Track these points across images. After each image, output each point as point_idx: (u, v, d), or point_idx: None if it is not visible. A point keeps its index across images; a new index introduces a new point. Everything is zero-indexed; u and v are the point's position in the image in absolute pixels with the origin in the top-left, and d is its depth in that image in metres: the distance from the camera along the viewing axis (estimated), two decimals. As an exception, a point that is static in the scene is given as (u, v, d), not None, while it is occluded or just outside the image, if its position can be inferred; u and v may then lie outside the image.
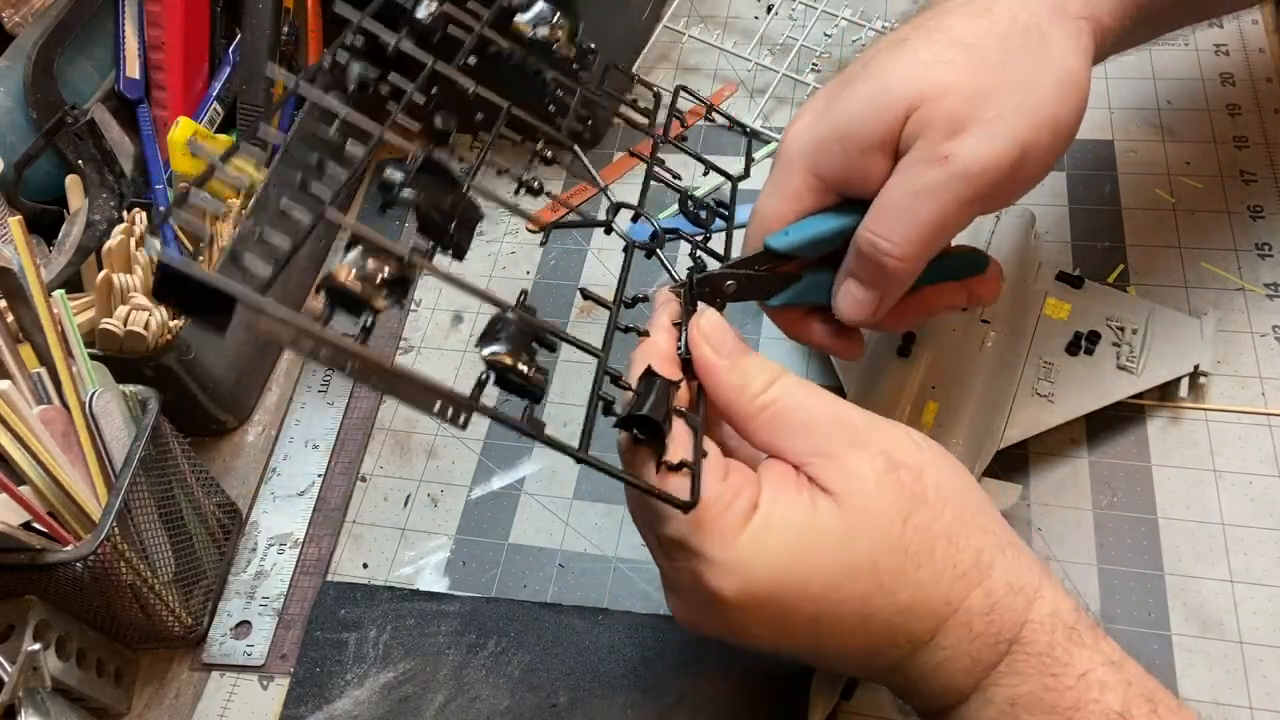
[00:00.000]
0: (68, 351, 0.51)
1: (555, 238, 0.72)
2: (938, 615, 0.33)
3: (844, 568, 0.33)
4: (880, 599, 0.33)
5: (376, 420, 0.65)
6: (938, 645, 0.34)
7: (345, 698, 0.54)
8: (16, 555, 0.47)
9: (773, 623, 0.34)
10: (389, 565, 0.59)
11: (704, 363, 0.37)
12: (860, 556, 0.33)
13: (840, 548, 0.33)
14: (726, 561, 0.33)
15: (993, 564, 0.34)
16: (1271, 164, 0.66)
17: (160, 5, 0.69)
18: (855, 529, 0.33)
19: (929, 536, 0.33)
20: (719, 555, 0.33)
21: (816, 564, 0.33)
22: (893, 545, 0.33)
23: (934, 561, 0.33)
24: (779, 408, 0.35)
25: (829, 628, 0.33)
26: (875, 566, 0.33)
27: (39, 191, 0.66)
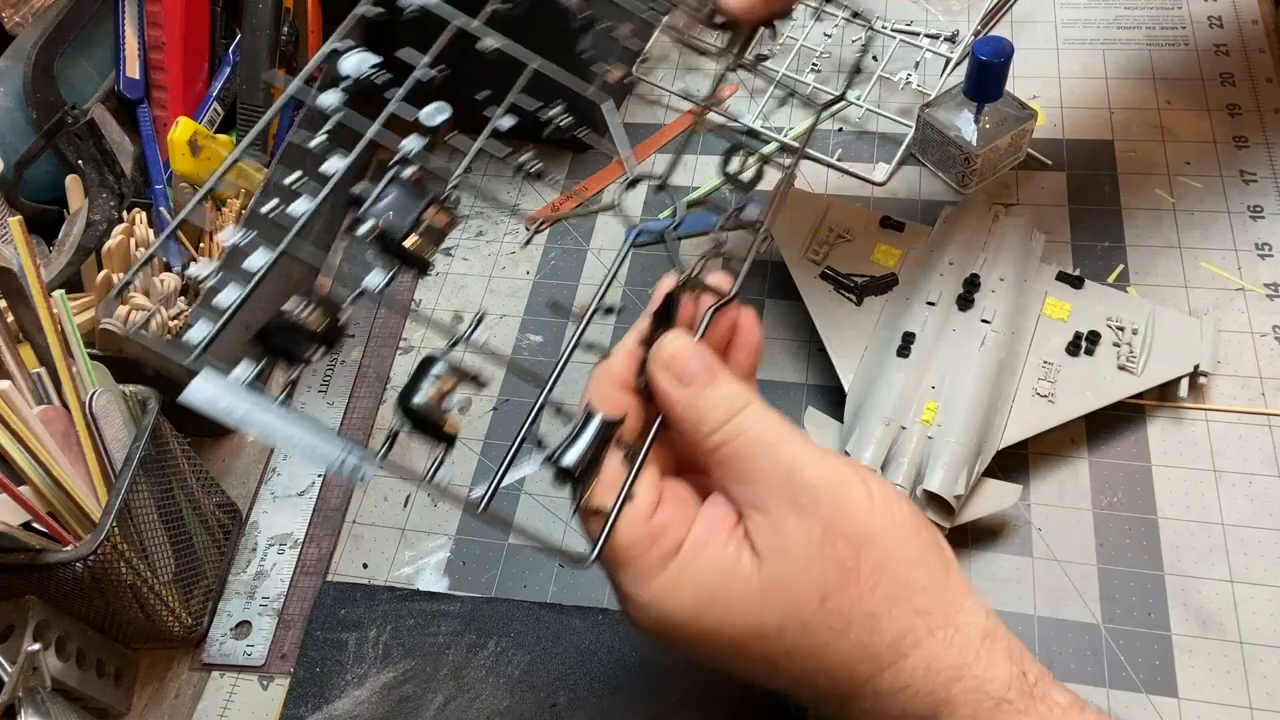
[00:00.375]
0: (68, 351, 0.51)
1: (555, 238, 0.72)
2: (842, 688, 0.33)
3: (751, 630, 0.33)
4: (785, 662, 0.33)
5: (376, 420, 0.65)
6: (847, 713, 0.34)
7: (345, 698, 0.54)
8: (16, 555, 0.47)
9: (691, 654, 0.35)
10: (389, 565, 0.59)
11: (661, 394, 0.36)
12: (769, 623, 0.33)
13: (750, 611, 0.33)
14: (640, 599, 0.33)
15: (915, 646, 0.33)
16: (1271, 164, 0.66)
17: (160, 5, 0.69)
18: (770, 596, 0.33)
19: (847, 616, 0.33)
20: (635, 593, 0.33)
21: (725, 619, 0.33)
22: (803, 621, 0.33)
23: (845, 641, 0.33)
24: (732, 448, 0.34)
25: (741, 671, 0.35)
26: (781, 635, 0.33)
27: (39, 191, 0.66)
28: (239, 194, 0.66)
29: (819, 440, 0.56)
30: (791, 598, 0.33)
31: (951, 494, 0.50)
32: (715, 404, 0.35)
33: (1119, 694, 0.49)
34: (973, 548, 0.54)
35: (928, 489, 0.50)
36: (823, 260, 0.62)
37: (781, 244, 0.63)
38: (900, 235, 0.63)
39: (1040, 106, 0.71)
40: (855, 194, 0.70)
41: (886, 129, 0.73)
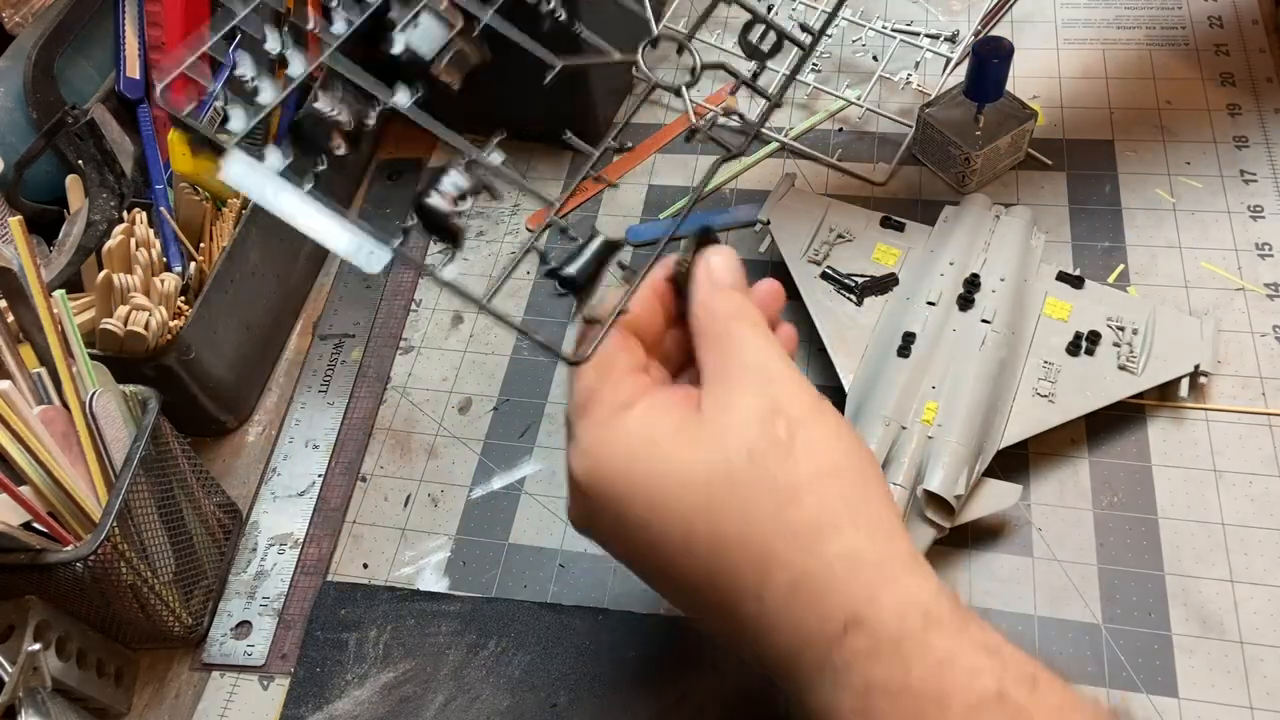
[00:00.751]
0: (68, 351, 0.51)
1: (555, 238, 0.72)
2: (757, 567, 0.32)
3: (679, 478, 0.33)
4: (703, 521, 0.32)
5: (377, 420, 0.65)
6: (762, 602, 0.32)
7: (345, 698, 0.54)
8: (16, 555, 0.47)
9: (611, 517, 0.34)
10: (389, 565, 0.59)
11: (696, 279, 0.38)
12: (696, 472, 0.33)
13: (683, 459, 0.33)
14: (585, 443, 0.34)
15: (836, 534, 0.32)
16: (1271, 164, 0.66)
17: (160, 5, 0.69)
18: (702, 447, 0.33)
19: (770, 482, 0.32)
20: (583, 436, 0.34)
21: (656, 468, 0.33)
22: (728, 472, 0.32)
23: (762, 506, 0.32)
24: (724, 328, 0.36)
25: (656, 536, 0.33)
26: (707, 487, 0.32)
27: (39, 191, 0.66)
28: (239, 193, 0.66)
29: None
30: (720, 448, 0.33)
31: (952, 494, 0.50)
32: (732, 300, 0.37)
33: (1119, 694, 0.49)
34: (973, 548, 0.54)
35: (928, 489, 0.50)
36: (823, 260, 0.62)
37: (781, 244, 0.63)
38: (900, 235, 0.63)
39: (1040, 106, 0.71)
40: (855, 194, 0.70)
41: (886, 129, 0.73)
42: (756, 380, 0.34)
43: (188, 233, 0.66)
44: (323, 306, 0.72)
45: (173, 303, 0.59)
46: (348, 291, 0.72)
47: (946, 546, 0.54)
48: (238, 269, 0.63)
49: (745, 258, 0.68)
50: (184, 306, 0.62)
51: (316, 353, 0.69)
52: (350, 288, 0.72)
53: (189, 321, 0.58)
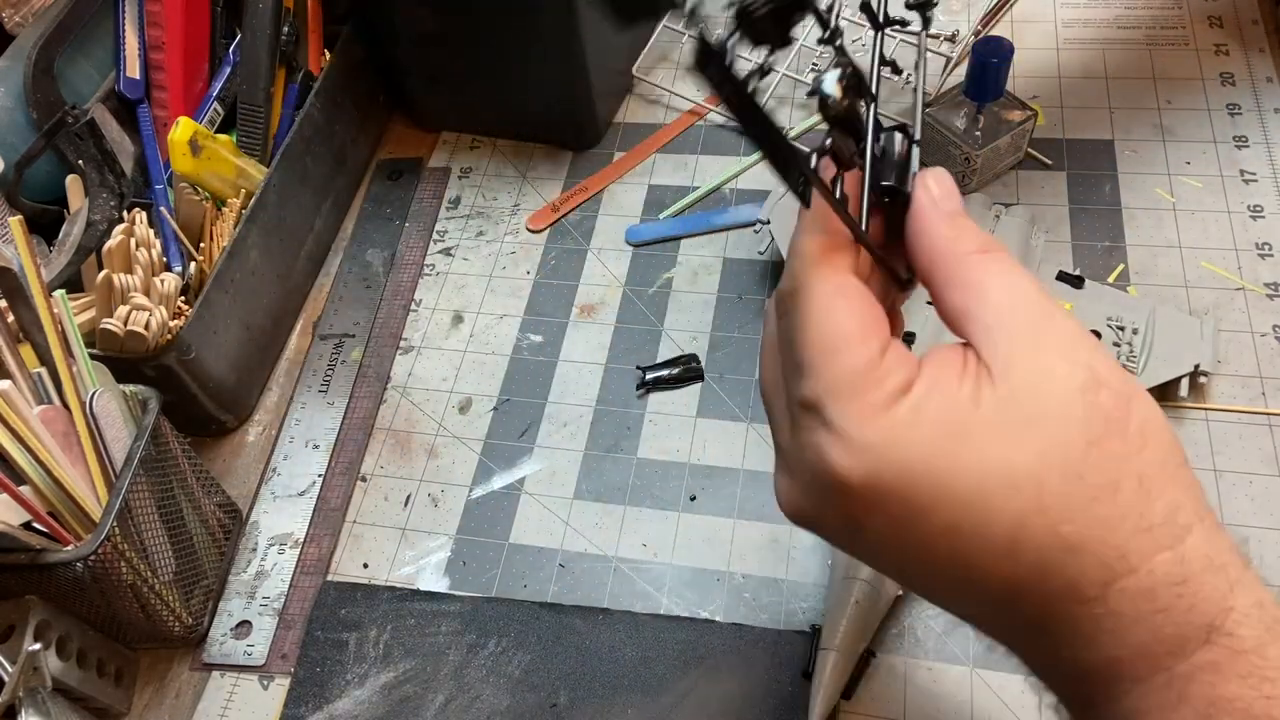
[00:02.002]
0: (68, 351, 0.51)
1: (555, 238, 0.72)
2: (1110, 569, 0.26)
3: (1002, 475, 0.26)
4: (1039, 524, 0.26)
5: (377, 420, 0.65)
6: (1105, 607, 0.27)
7: (346, 698, 0.54)
8: (17, 555, 0.47)
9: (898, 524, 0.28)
10: (389, 565, 0.59)
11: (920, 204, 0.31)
12: (1024, 467, 0.26)
13: (1003, 452, 0.27)
14: (860, 440, 0.27)
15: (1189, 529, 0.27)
16: (1271, 164, 0.66)
17: (160, 5, 0.69)
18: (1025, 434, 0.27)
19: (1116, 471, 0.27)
20: (853, 431, 0.27)
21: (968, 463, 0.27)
22: (1068, 466, 0.26)
23: (1116, 502, 0.26)
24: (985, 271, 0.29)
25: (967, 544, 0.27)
26: (1040, 485, 0.26)
27: (39, 191, 0.66)
28: (239, 193, 0.66)
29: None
30: (1050, 436, 0.27)
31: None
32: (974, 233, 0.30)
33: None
34: (973, 547, 0.54)
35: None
36: (823, 260, 0.62)
37: (781, 244, 0.63)
38: (900, 235, 0.63)
39: (1040, 106, 0.71)
40: (855, 194, 0.70)
41: (886, 129, 0.73)
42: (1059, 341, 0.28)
43: (188, 233, 0.66)
44: (323, 306, 0.72)
45: (173, 303, 0.59)
46: (348, 291, 0.72)
47: (946, 546, 0.54)
48: (238, 269, 0.63)
49: (745, 258, 0.69)
50: (184, 306, 0.62)
51: (316, 353, 0.69)
52: (350, 288, 0.72)
53: (189, 321, 0.58)
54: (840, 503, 0.29)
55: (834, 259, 0.30)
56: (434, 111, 0.80)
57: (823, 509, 0.30)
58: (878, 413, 0.27)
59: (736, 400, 0.62)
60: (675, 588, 0.56)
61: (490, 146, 0.79)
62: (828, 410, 0.28)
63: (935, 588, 0.30)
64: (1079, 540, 0.26)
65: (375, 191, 0.78)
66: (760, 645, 0.53)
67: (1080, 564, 0.27)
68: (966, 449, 0.27)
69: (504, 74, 0.73)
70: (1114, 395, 0.27)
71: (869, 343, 0.28)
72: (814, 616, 0.53)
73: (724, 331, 0.65)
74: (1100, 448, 0.27)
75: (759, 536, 0.57)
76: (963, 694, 0.50)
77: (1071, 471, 0.26)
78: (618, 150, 0.76)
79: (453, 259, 0.73)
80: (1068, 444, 0.27)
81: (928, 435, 0.27)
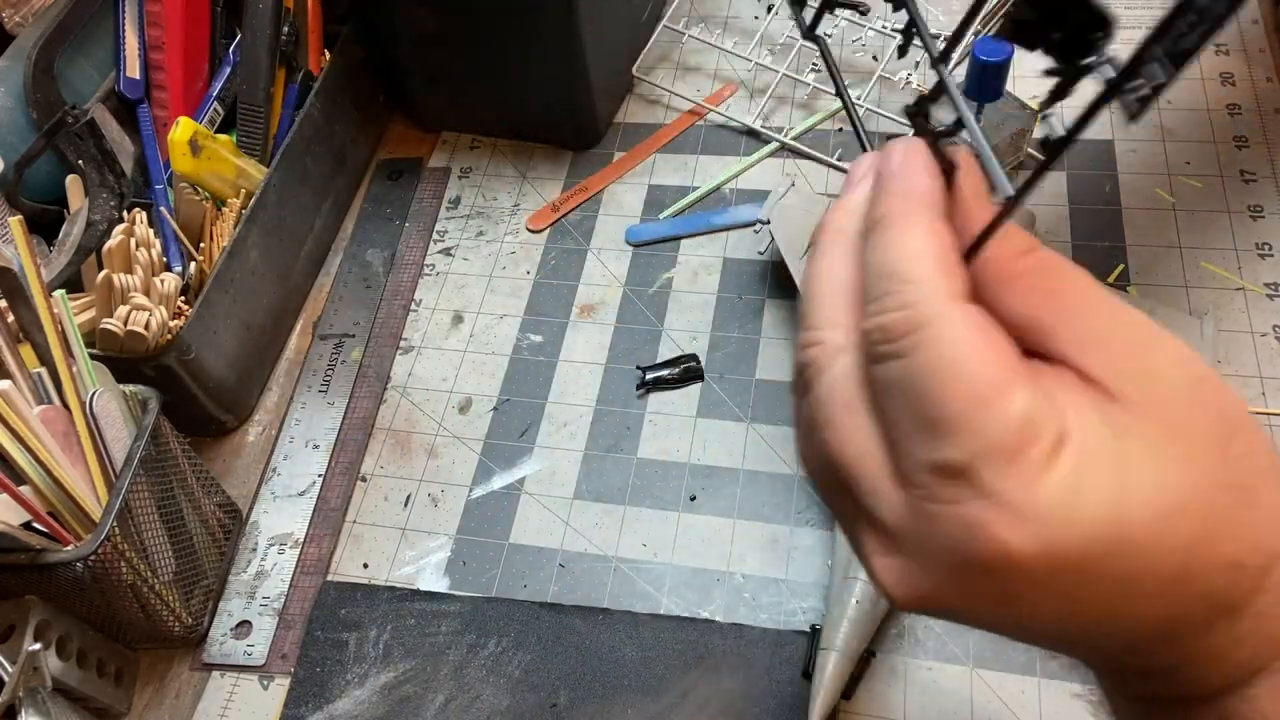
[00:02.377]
0: (68, 351, 0.51)
1: (555, 238, 0.72)
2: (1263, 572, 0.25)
3: (1167, 508, 0.24)
4: (1204, 549, 0.24)
5: (377, 420, 0.65)
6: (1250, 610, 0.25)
7: (345, 698, 0.54)
8: (17, 555, 0.47)
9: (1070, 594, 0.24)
10: (389, 565, 0.59)
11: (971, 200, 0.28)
12: (1184, 490, 0.24)
13: (1159, 478, 0.24)
14: (1032, 509, 0.23)
15: None
16: (1271, 164, 0.66)
17: (160, 5, 0.69)
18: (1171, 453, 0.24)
19: (1253, 472, 0.25)
20: (1023, 499, 0.23)
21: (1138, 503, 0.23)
22: (1218, 477, 0.24)
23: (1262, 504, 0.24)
24: (1046, 275, 0.26)
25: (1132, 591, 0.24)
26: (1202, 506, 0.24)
27: (39, 191, 0.66)
28: (239, 193, 0.66)
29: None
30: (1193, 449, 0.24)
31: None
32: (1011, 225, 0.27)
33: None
34: (973, 547, 0.54)
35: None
36: (823, 260, 0.62)
37: (781, 244, 0.63)
38: (900, 235, 0.63)
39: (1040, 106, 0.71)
40: (855, 194, 0.70)
41: (886, 129, 0.73)
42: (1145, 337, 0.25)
43: (188, 233, 0.66)
44: (323, 306, 0.72)
45: (173, 303, 0.59)
46: (348, 291, 0.72)
47: (946, 546, 0.54)
48: (238, 269, 0.63)
49: (745, 258, 0.69)
50: (184, 306, 0.62)
51: (316, 353, 0.69)
52: (350, 288, 0.72)
53: (189, 321, 0.58)
54: (998, 582, 0.24)
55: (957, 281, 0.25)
56: (434, 111, 0.80)
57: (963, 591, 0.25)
58: (1044, 472, 0.23)
59: (736, 400, 0.62)
60: (675, 588, 0.56)
61: (490, 146, 0.79)
62: (984, 476, 0.23)
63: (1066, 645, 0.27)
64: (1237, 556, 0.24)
65: (375, 191, 0.78)
66: (760, 645, 0.53)
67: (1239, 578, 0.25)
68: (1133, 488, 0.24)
69: (504, 74, 0.73)
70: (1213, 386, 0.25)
71: (1021, 390, 0.23)
72: (814, 616, 0.53)
73: (724, 331, 0.65)
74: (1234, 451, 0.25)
75: (759, 536, 0.57)
76: (963, 694, 0.50)
77: (1224, 482, 0.24)
78: (618, 150, 0.76)
79: (453, 259, 0.73)
80: (1209, 453, 0.24)
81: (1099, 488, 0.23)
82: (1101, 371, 0.24)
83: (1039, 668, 0.50)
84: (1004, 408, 0.23)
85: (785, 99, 0.77)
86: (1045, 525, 0.23)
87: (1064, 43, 0.25)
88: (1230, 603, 0.25)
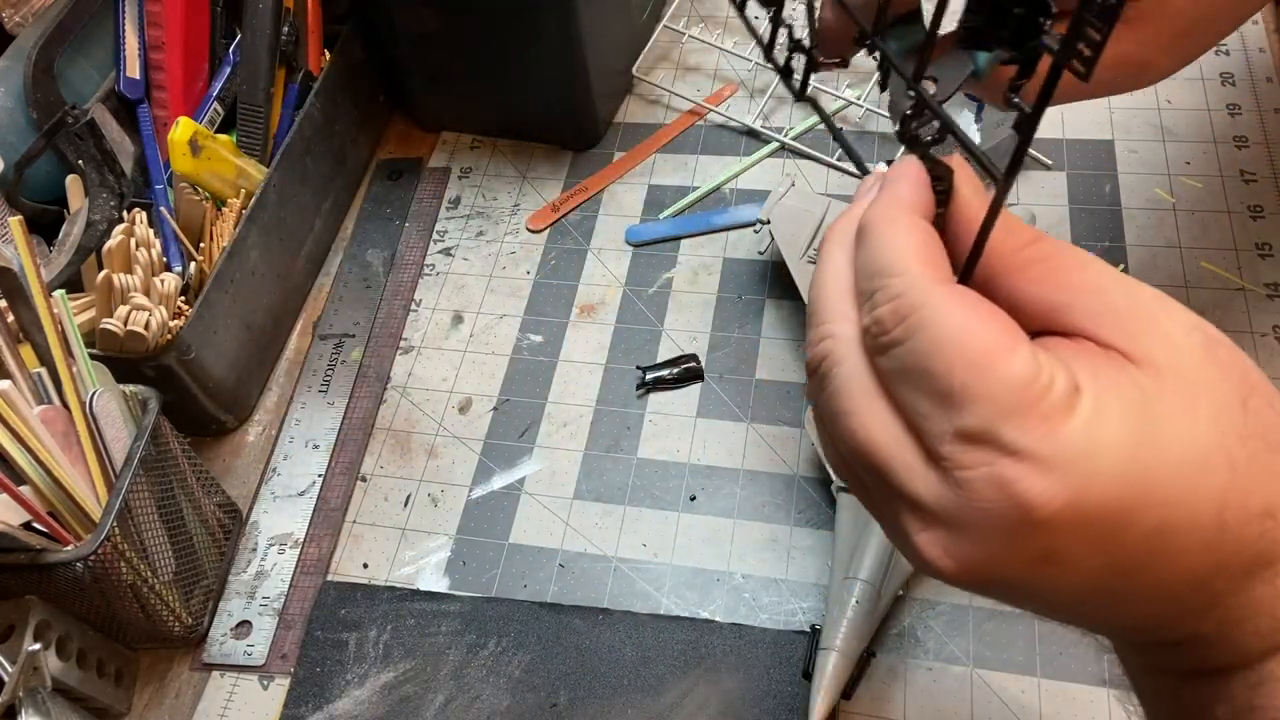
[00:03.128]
0: (68, 351, 0.51)
1: (555, 238, 0.72)
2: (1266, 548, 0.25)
3: (1198, 455, 0.24)
4: (1235, 499, 0.24)
5: (377, 420, 0.65)
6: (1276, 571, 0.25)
7: (345, 698, 0.54)
8: (16, 555, 0.47)
9: (1102, 544, 0.25)
10: (389, 565, 0.59)
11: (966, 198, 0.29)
12: (1209, 440, 0.24)
13: (1189, 429, 0.24)
14: (1054, 457, 0.23)
15: None
16: (1271, 164, 0.66)
17: (160, 5, 0.69)
18: (1194, 406, 0.25)
19: (1273, 425, 0.25)
20: (1044, 449, 0.24)
21: (1166, 452, 0.24)
22: (1240, 429, 0.25)
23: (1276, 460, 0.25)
24: (1055, 261, 0.27)
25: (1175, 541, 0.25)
26: (1228, 455, 0.24)
27: (39, 191, 0.66)
28: (239, 193, 0.66)
29: (819, 441, 0.56)
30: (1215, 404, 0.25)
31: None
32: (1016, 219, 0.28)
33: (1120, 694, 0.49)
34: (973, 548, 0.54)
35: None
36: (823, 260, 0.62)
37: (782, 244, 0.63)
38: (900, 235, 0.63)
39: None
40: (855, 194, 0.70)
41: (886, 129, 0.73)
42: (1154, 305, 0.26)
43: (188, 233, 0.66)
44: (323, 306, 0.72)
45: (173, 303, 0.59)
46: (348, 291, 0.72)
47: (946, 546, 0.54)
48: (238, 269, 0.63)
49: (745, 258, 0.69)
50: (184, 306, 0.62)
51: (316, 353, 0.69)
52: (350, 288, 0.72)
53: (189, 321, 0.58)
54: (1035, 539, 0.24)
55: (941, 269, 0.27)
56: (434, 111, 0.80)
57: (1009, 554, 0.25)
58: (1062, 422, 0.24)
59: (736, 400, 0.62)
60: (675, 588, 0.56)
61: (490, 146, 0.79)
62: (1004, 434, 0.24)
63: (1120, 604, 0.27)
64: (1268, 504, 0.25)
65: (375, 191, 0.78)
66: (760, 645, 0.53)
67: (1272, 528, 0.25)
68: (1159, 437, 0.24)
69: (504, 74, 0.73)
70: (1228, 351, 0.26)
71: (1021, 348, 0.24)
72: (814, 616, 0.53)
73: (724, 331, 0.65)
74: (1251, 406, 0.25)
75: (759, 536, 0.57)
76: (963, 694, 0.50)
77: (1247, 434, 0.25)
78: (618, 150, 0.76)
79: (453, 259, 0.73)
80: (1229, 407, 0.25)
81: (1121, 434, 0.24)
82: (1119, 339, 0.25)
83: (1039, 668, 0.50)
84: (1007, 368, 0.24)
85: (785, 99, 0.77)
86: (1070, 472, 0.23)
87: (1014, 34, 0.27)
88: (1266, 554, 0.25)
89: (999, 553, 0.25)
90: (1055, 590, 0.26)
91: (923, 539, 0.26)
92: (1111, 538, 0.24)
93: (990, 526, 0.25)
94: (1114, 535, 0.24)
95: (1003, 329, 0.25)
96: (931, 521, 0.26)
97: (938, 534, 0.26)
